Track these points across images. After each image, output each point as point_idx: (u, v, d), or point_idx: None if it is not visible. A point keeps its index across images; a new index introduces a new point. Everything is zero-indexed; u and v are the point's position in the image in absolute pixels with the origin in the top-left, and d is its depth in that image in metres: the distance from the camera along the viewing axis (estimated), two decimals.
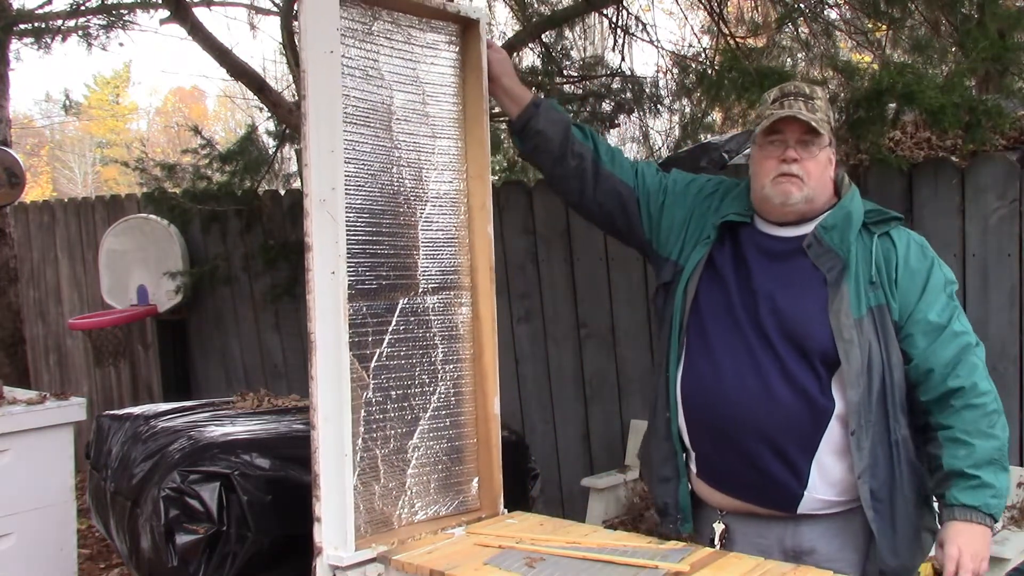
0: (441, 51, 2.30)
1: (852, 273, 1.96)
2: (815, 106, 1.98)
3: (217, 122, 26.56)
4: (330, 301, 1.96)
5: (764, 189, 2.02)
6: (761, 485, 2.00)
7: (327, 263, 1.96)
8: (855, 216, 2.00)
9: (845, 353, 1.91)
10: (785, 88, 2.03)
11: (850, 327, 1.92)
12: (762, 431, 1.96)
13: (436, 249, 2.26)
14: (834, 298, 1.94)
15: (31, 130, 22.95)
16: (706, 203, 2.18)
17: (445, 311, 2.28)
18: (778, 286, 2.00)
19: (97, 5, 5.37)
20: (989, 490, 1.87)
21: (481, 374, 2.32)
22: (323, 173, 1.96)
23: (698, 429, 2.08)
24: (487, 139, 2.33)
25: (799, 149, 1.97)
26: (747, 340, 1.99)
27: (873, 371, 1.93)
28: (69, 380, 6.72)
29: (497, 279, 2.33)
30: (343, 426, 1.96)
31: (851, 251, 1.97)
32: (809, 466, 1.95)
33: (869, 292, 1.95)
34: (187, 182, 5.25)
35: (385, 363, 2.13)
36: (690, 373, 2.08)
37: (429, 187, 2.25)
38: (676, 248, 2.17)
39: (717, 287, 2.06)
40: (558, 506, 4.39)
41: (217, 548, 2.41)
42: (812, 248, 1.99)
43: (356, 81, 2.09)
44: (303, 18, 1.99)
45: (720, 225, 2.10)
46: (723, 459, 2.04)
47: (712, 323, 2.04)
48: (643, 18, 5.24)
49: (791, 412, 1.94)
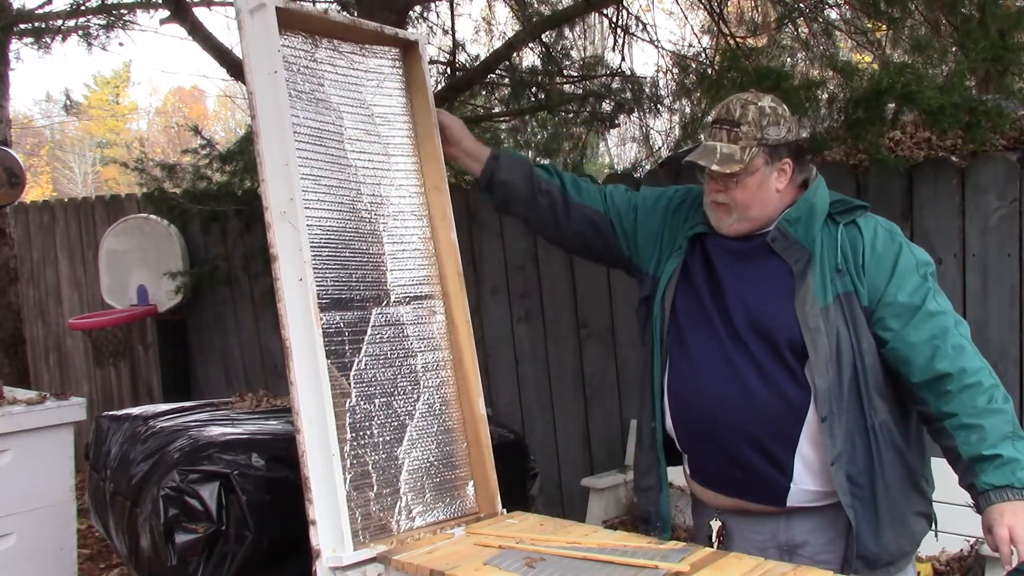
0: (387, 75, 2.41)
1: (817, 263, 1.98)
2: (739, 133, 1.99)
3: (217, 122, 26.58)
4: (301, 307, 2.02)
5: (706, 208, 2.10)
6: (749, 482, 2.03)
7: (294, 270, 2.02)
8: (819, 208, 2.02)
9: (812, 342, 1.93)
10: (719, 111, 2.05)
11: (816, 316, 1.93)
12: (742, 429, 1.99)
13: (403, 260, 2.33)
14: (800, 289, 1.97)
15: (31, 130, 22.96)
16: (676, 215, 2.22)
17: (419, 320, 2.34)
18: (747, 284, 2.03)
19: (97, 5, 5.38)
20: (1014, 464, 1.84)
21: (463, 377, 2.36)
22: (280, 185, 2.04)
23: (686, 433, 2.12)
24: (440, 153, 2.42)
25: (721, 181, 2.02)
26: (722, 342, 2.03)
27: (843, 358, 1.94)
28: (69, 380, 6.72)
29: (497, 279, 2.37)
30: (327, 427, 1.98)
31: (816, 242, 1.99)
32: (792, 459, 1.98)
33: (836, 280, 1.97)
34: (187, 182, 5.25)
35: (365, 371, 2.18)
36: (674, 380, 2.12)
37: (389, 201, 2.34)
38: (653, 261, 2.22)
39: (692, 294, 2.11)
40: (558, 506, 4.39)
41: (216, 548, 2.41)
42: (777, 242, 2.02)
43: (304, 106, 2.18)
44: (245, 43, 2.09)
45: (690, 236, 2.14)
46: (711, 460, 2.08)
47: (690, 330, 2.09)
48: (643, 18, 5.25)
49: (768, 407, 1.97)
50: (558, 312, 4.41)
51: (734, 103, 2.03)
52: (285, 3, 2.13)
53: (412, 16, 4.95)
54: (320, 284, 2.09)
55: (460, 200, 4.59)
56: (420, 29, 5.20)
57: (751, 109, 2.01)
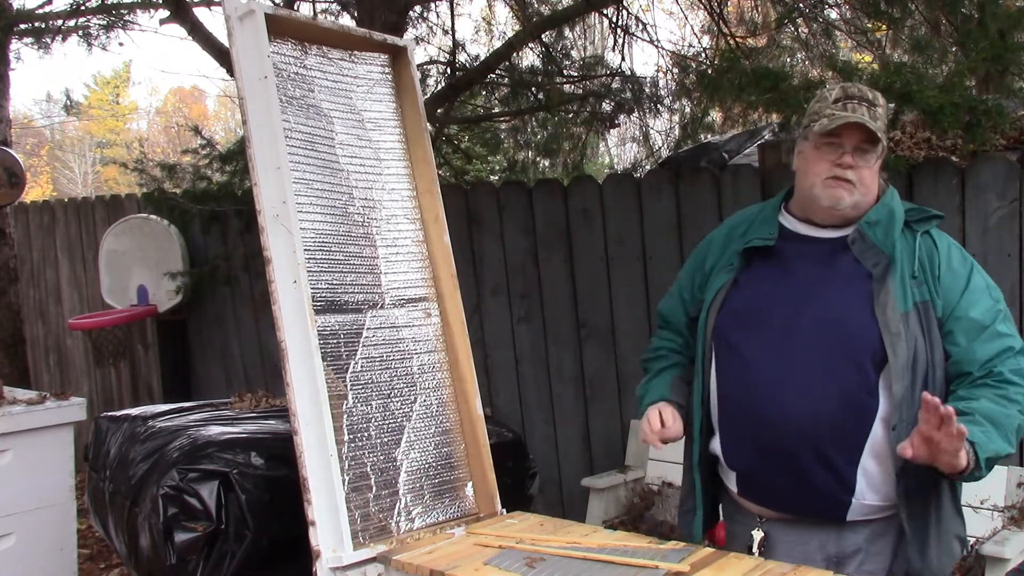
0: (376, 80, 2.44)
1: (897, 269, 1.92)
2: (876, 113, 1.93)
3: (217, 122, 26.58)
4: (295, 308, 2.04)
5: (814, 188, 1.98)
6: (807, 497, 1.94)
7: (288, 273, 2.05)
8: (898, 213, 1.97)
9: (892, 347, 1.86)
10: (849, 90, 1.97)
11: (897, 321, 1.87)
12: (806, 437, 1.90)
13: (396, 263, 2.36)
14: (879, 292, 1.90)
15: (31, 130, 22.95)
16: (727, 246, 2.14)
17: (414, 322, 2.36)
18: (821, 285, 1.96)
19: (97, 5, 5.38)
20: (980, 427, 1.76)
21: (460, 379, 2.37)
22: (272, 189, 2.06)
23: (737, 445, 2.03)
24: (431, 156, 2.44)
25: (856, 156, 1.93)
26: (785, 347, 1.94)
27: (918, 367, 1.88)
28: (69, 380, 6.72)
29: (497, 279, 2.38)
30: (324, 427, 1.99)
31: (895, 247, 1.94)
32: (855, 471, 1.90)
33: (913, 288, 1.91)
34: (187, 182, 5.25)
35: (361, 373, 2.19)
36: (725, 389, 2.04)
37: (382, 205, 2.36)
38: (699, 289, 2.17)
39: (747, 303, 2.03)
40: (558, 506, 4.39)
41: (216, 546, 2.41)
42: (856, 244, 1.95)
43: (295, 112, 2.20)
44: (235, 50, 2.12)
45: (744, 251, 2.07)
46: (765, 473, 1.98)
47: (744, 337, 2.00)
48: (643, 18, 5.26)
49: (836, 415, 1.88)
50: (558, 312, 4.41)
51: (862, 87, 1.98)
52: (273, 10, 2.15)
53: (412, 16, 4.96)
54: (314, 287, 2.10)
55: (460, 200, 4.59)
56: (420, 29, 5.21)
57: (879, 96, 1.96)
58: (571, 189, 4.35)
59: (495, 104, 5.52)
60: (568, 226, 4.33)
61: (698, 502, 2.11)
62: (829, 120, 1.92)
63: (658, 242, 4.08)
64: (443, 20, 5.31)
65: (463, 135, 6.34)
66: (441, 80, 5.18)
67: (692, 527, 2.12)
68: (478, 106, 5.87)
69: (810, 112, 2.00)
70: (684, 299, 2.23)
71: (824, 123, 1.93)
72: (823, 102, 1.97)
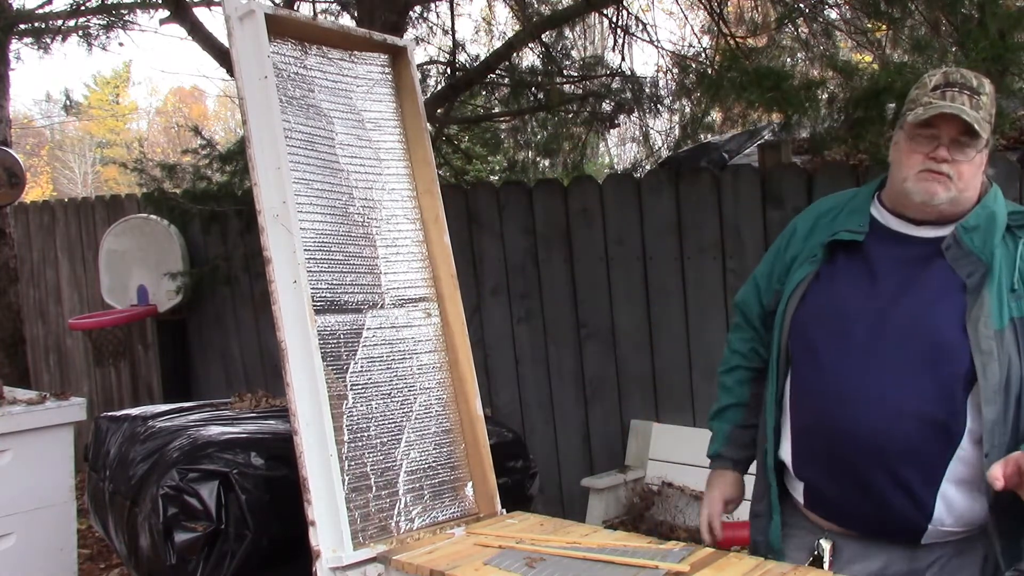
0: (376, 80, 2.44)
1: (995, 280, 1.75)
2: (979, 103, 1.75)
3: (217, 122, 26.58)
4: (296, 309, 2.04)
5: (906, 183, 1.81)
6: (879, 519, 1.81)
7: (288, 273, 2.05)
8: (999, 217, 1.80)
9: (983, 367, 1.70)
10: (951, 76, 1.78)
11: (989, 339, 1.71)
12: (882, 456, 1.76)
13: (396, 263, 2.36)
14: (973, 306, 1.74)
15: (31, 130, 22.95)
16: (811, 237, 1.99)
17: (414, 322, 2.35)
18: (910, 293, 1.80)
19: (97, 5, 5.39)
20: None
21: (460, 379, 2.37)
22: (272, 189, 2.06)
23: (807, 455, 1.90)
24: (431, 157, 2.44)
25: (952, 149, 1.76)
26: (867, 356, 1.79)
27: (1011, 389, 1.72)
28: (69, 380, 6.72)
29: (497, 279, 2.38)
30: (324, 427, 1.99)
31: (994, 256, 1.77)
32: (934, 498, 1.76)
33: (1011, 302, 1.75)
34: (187, 182, 5.25)
35: (361, 373, 2.19)
36: (798, 394, 1.91)
37: (382, 205, 2.36)
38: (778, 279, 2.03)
39: (829, 303, 1.88)
40: (558, 506, 4.39)
41: (216, 546, 2.41)
42: (951, 250, 1.79)
43: (295, 112, 2.20)
44: (235, 50, 2.12)
45: (829, 243, 1.91)
46: (835, 489, 1.85)
47: (822, 341, 1.86)
48: (643, 18, 5.26)
49: (916, 434, 1.74)
50: (558, 312, 4.40)
51: (965, 72, 1.79)
52: (273, 10, 2.15)
53: (412, 16, 4.96)
54: (314, 287, 2.10)
55: (460, 200, 4.59)
56: (420, 29, 5.21)
57: (986, 83, 1.78)
58: (571, 189, 4.35)
59: (495, 104, 5.52)
60: (568, 226, 4.33)
61: (774, 507, 1.96)
62: (924, 109, 1.75)
63: (658, 242, 4.08)
64: (443, 20, 5.32)
65: (463, 135, 6.34)
66: (441, 80, 5.19)
67: (768, 534, 1.98)
68: (478, 106, 5.87)
69: (908, 99, 1.82)
70: (760, 288, 2.09)
71: (919, 112, 1.76)
72: (922, 88, 1.80)
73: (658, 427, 4.11)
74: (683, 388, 4.10)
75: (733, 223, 3.88)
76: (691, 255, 4.00)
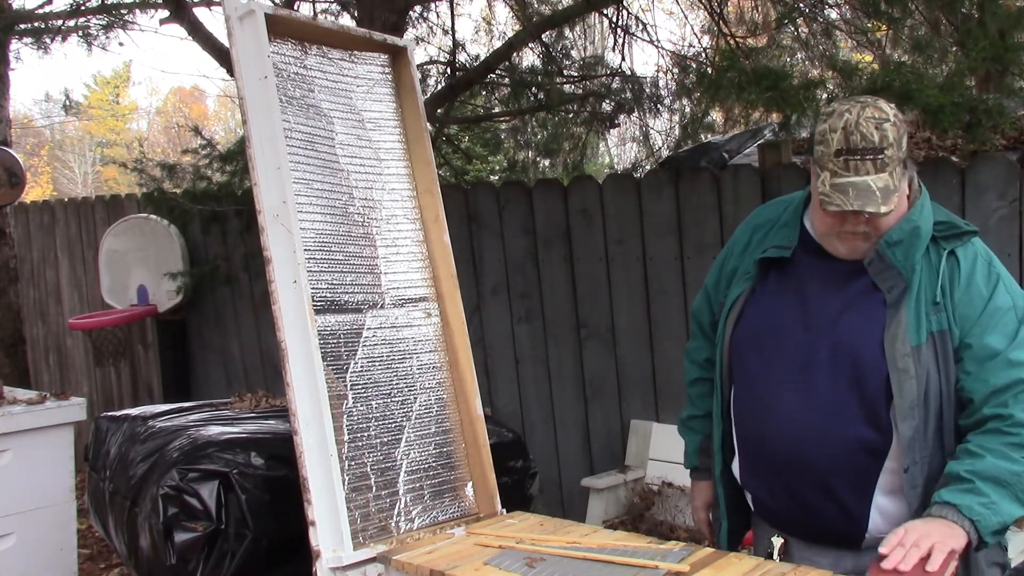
0: (376, 80, 2.44)
1: (913, 294, 1.77)
2: (884, 160, 1.69)
3: (217, 122, 26.58)
4: (296, 309, 2.04)
5: (828, 237, 1.83)
6: (820, 529, 1.88)
7: (288, 273, 2.05)
8: (923, 231, 1.79)
9: (898, 384, 1.73)
10: (851, 138, 1.69)
11: (906, 356, 1.73)
12: (814, 473, 1.82)
13: (396, 263, 2.36)
14: (891, 322, 1.76)
15: (31, 130, 22.95)
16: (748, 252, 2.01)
17: (414, 322, 2.36)
18: (836, 310, 1.82)
19: (97, 5, 5.38)
20: (981, 497, 1.65)
21: (460, 378, 2.37)
22: (272, 189, 2.07)
23: (750, 467, 1.97)
24: (431, 157, 2.45)
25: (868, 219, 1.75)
26: (796, 372, 1.83)
27: (930, 403, 1.75)
28: (69, 380, 6.72)
29: (497, 279, 2.37)
30: (324, 427, 1.99)
31: (915, 270, 1.78)
32: (867, 509, 1.81)
33: (931, 316, 1.76)
34: (187, 182, 5.25)
35: (361, 373, 2.19)
36: (738, 410, 1.97)
37: (382, 205, 2.36)
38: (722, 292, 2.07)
39: (762, 321, 1.92)
40: (558, 506, 4.39)
41: (216, 546, 2.41)
42: (873, 265, 1.79)
43: (295, 111, 2.20)
44: (235, 50, 2.12)
45: (760, 260, 1.94)
46: (775, 501, 1.92)
47: (754, 359, 1.91)
48: (643, 18, 5.26)
49: (843, 451, 1.78)
50: (558, 312, 4.40)
51: (864, 126, 1.70)
52: (273, 10, 2.15)
53: (412, 16, 4.96)
54: (314, 287, 2.10)
55: (459, 200, 4.59)
56: (420, 29, 5.21)
57: (887, 129, 1.70)
58: (571, 189, 4.35)
59: (495, 104, 5.52)
60: (568, 226, 4.33)
61: (723, 513, 2.07)
62: (830, 192, 1.71)
63: (658, 242, 4.08)
64: (443, 20, 5.31)
65: (463, 135, 6.34)
66: (441, 80, 5.18)
67: (718, 536, 2.10)
68: (478, 106, 5.87)
69: (815, 146, 1.76)
70: (710, 297, 2.13)
71: (825, 193, 1.72)
72: (825, 146, 1.72)
73: (658, 427, 4.11)
74: (683, 388, 4.09)
75: (733, 223, 3.87)
76: (691, 255, 4.00)
